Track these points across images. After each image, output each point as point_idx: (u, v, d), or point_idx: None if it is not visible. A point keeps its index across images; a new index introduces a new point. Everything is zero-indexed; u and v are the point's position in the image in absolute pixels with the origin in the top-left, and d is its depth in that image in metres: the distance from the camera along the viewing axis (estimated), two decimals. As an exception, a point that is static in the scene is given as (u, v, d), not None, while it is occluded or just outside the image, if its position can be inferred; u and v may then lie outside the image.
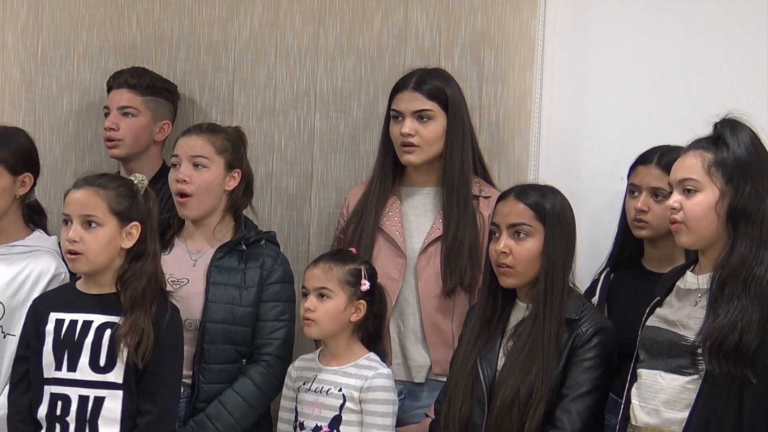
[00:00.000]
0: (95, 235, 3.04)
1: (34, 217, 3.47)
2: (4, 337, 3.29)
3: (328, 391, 3.15)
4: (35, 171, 3.44)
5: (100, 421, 3.00)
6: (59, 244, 3.45)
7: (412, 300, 3.42)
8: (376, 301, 3.23)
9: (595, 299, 3.38)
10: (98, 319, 3.05)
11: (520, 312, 3.09)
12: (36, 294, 3.28)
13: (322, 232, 3.83)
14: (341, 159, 3.85)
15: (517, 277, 3.05)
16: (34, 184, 3.44)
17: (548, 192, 3.10)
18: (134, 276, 3.05)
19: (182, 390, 3.23)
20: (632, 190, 3.35)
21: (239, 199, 3.42)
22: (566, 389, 2.96)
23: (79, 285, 3.14)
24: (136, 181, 3.13)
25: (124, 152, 3.74)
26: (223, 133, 3.41)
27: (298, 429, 3.18)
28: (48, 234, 3.47)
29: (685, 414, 2.72)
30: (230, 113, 3.89)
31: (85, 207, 3.05)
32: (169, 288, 3.19)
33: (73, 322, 3.06)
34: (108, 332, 3.03)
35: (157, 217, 3.17)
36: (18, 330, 3.24)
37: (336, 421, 3.12)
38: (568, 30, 3.72)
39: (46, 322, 3.08)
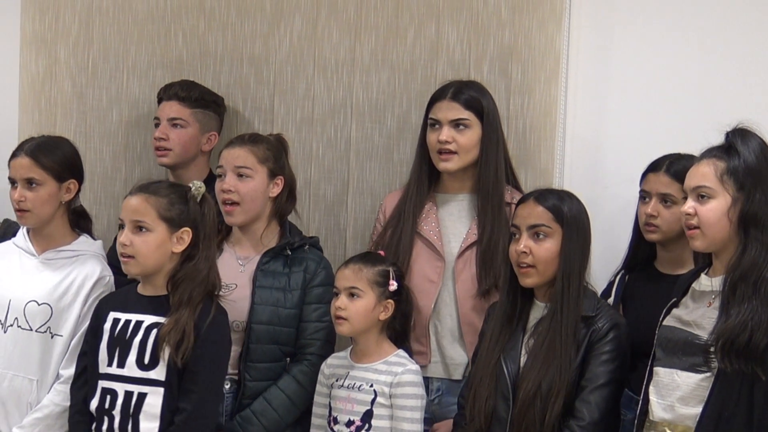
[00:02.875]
0: (144, 240, 3.11)
1: (79, 222, 3.51)
2: (52, 337, 3.37)
3: (360, 387, 3.22)
4: (79, 178, 3.48)
5: (141, 416, 3.08)
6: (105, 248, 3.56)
7: (450, 301, 3.47)
8: (403, 301, 3.29)
9: (610, 300, 3.42)
10: (148, 320, 3.13)
11: (538, 311, 3.15)
12: (82, 296, 3.37)
13: (358, 237, 3.89)
14: (376, 167, 3.90)
15: (537, 276, 3.11)
16: (79, 190, 3.48)
17: (565, 196, 3.17)
18: (184, 278, 3.11)
19: (228, 386, 3.32)
20: (643, 196, 3.41)
21: (283, 205, 3.48)
22: (585, 381, 3.03)
23: (139, 287, 3.22)
24: (193, 189, 3.18)
25: (172, 161, 3.81)
26: (264, 142, 3.47)
27: (331, 423, 3.24)
28: (93, 238, 3.53)
29: (699, 409, 2.79)
30: (271, 123, 3.95)
31: (136, 213, 3.12)
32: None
33: (127, 322, 3.15)
34: (155, 332, 3.11)
35: (214, 222, 3.20)
36: (65, 331, 3.35)
37: (368, 416, 3.19)
38: (591, 45, 3.76)
39: (104, 321, 3.18)
